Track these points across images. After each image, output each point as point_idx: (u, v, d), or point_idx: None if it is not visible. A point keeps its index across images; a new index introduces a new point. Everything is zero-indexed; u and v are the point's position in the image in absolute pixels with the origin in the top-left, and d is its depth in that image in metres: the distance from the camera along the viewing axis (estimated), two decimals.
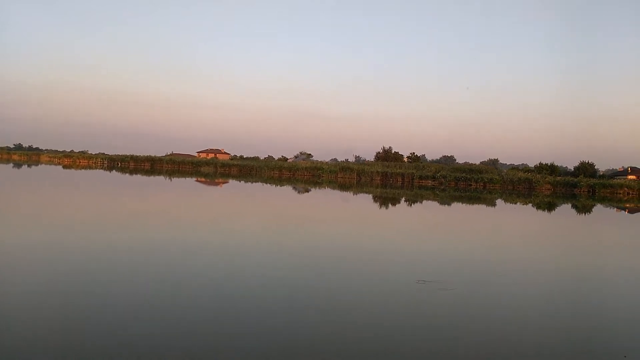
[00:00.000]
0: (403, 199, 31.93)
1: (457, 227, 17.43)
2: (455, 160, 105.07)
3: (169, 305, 5.59)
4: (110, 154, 77.91)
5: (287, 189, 35.83)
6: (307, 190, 35.24)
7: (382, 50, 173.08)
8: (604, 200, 41.18)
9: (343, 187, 42.58)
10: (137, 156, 72.63)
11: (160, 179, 40.66)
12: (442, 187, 52.26)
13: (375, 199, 30.58)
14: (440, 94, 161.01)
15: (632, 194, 54.07)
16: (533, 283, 8.21)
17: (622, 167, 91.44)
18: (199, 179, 44.01)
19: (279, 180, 47.82)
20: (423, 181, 60.26)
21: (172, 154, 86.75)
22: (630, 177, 76.38)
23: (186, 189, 30.45)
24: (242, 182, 42.91)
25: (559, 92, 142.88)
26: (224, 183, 39.90)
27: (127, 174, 44.40)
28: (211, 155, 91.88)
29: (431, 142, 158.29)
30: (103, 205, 17.17)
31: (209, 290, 6.42)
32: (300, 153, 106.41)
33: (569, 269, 9.91)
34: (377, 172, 61.67)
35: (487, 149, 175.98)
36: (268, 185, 39.82)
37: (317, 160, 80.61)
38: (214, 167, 68.94)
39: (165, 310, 5.39)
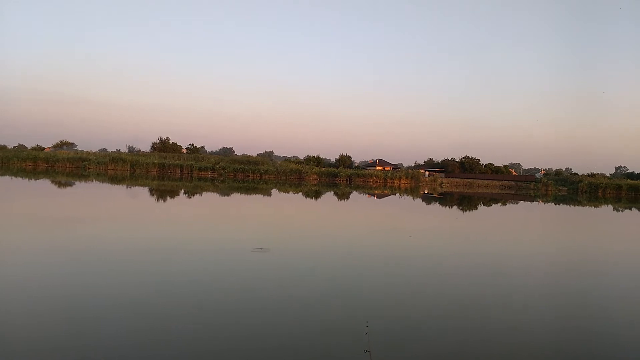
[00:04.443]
0: (182, 190, 31.18)
1: (239, 215, 18.04)
2: (234, 152, 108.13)
3: None
4: None
5: (44, 183, 31.00)
6: (71, 185, 31.17)
7: (163, 38, 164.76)
8: (358, 188, 48.24)
9: (114, 180, 39.08)
10: None
11: None
12: (222, 179, 52.99)
13: (152, 192, 29.06)
14: (212, 84, 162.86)
15: (379, 182, 65.32)
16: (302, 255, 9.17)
17: (372, 159, 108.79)
18: None
19: (33, 174, 40.92)
20: (202, 172, 60.04)
21: None
22: (378, 167, 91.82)
23: None
24: None
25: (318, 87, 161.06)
26: None
27: None
28: None
29: (211, 133, 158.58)
30: None
31: None
32: (61, 142, 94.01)
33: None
34: (154, 163, 58.79)
35: (263, 142, 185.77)
36: (19, 179, 33.74)
37: (81, 150, 71.92)
38: None
39: None
